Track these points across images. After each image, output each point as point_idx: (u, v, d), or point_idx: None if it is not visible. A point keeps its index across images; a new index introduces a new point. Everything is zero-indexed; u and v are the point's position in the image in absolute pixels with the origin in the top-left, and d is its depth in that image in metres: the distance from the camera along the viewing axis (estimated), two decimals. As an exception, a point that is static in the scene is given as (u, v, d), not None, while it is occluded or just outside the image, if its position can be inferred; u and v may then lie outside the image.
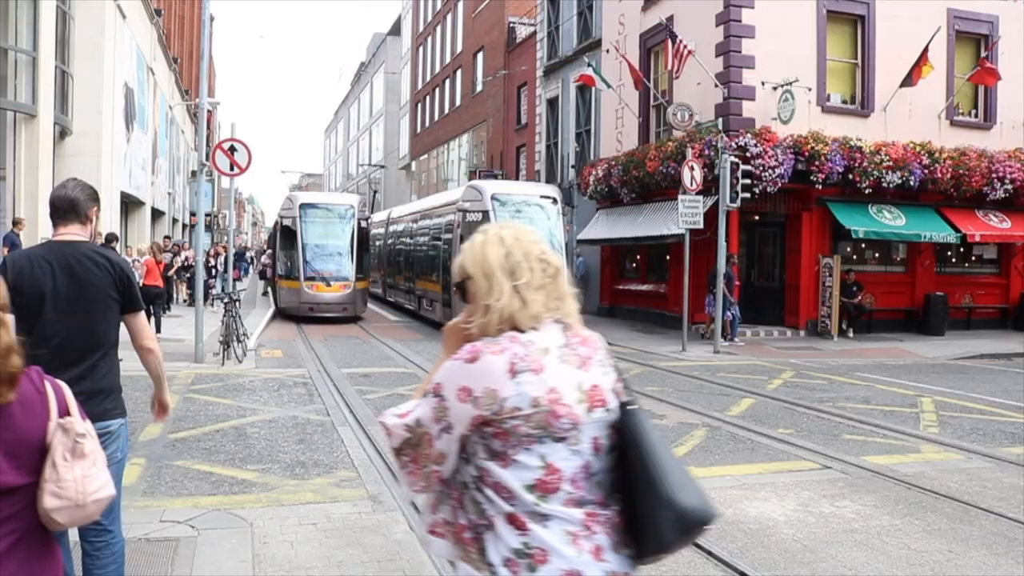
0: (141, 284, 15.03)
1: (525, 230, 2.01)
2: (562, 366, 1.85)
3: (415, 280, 21.07)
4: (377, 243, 27.75)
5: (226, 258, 23.20)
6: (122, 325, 3.43)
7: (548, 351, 1.86)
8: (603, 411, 1.88)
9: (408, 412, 1.91)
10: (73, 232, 3.23)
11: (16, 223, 12.94)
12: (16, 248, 12.06)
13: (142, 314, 3.44)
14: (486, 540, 1.84)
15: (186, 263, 20.96)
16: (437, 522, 1.96)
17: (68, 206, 3.22)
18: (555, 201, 16.70)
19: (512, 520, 1.81)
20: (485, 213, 15.84)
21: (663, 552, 1.90)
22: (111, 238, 13.44)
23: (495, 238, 1.96)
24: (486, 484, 1.85)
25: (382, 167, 50.86)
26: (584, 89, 24.70)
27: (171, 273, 18.93)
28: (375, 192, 43.16)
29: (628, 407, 1.92)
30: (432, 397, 1.87)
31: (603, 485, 1.91)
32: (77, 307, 3.14)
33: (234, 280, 21.97)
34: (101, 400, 3.20)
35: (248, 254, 50.53)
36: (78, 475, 2.06)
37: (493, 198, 16.06)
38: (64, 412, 2.16)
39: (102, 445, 2.96)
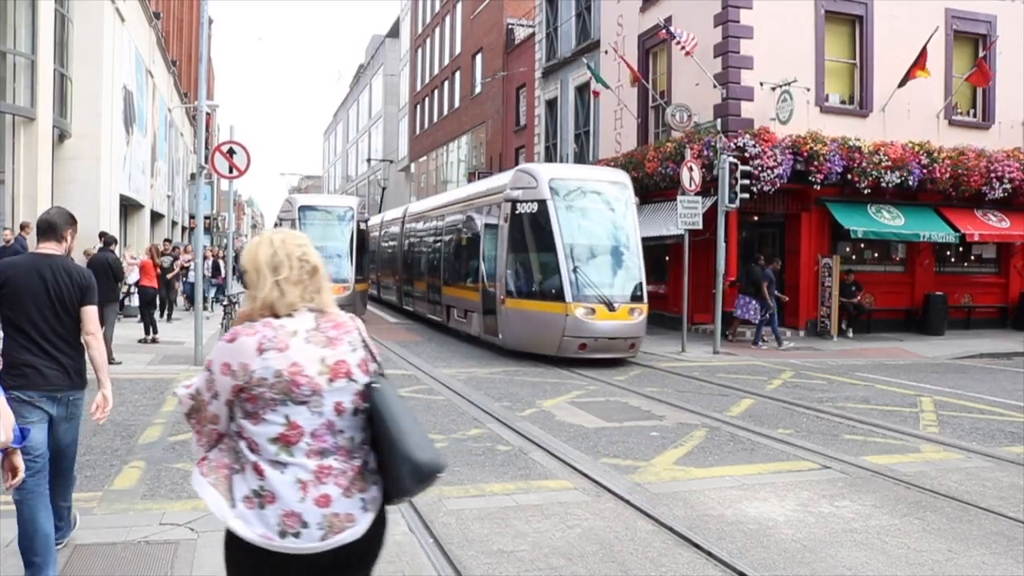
0: (139, 284, 15.03)
1: (294, 235, 2.48)
2: (307, 345, 2.29)
3: (442, 286, 17.87)
4: (390, 244, 25.20)
5: (215, 262, 22.88)
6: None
7: (296, 333, 2.29)
8: (346, 381, 2.31)
9: (191, 384, 2.38)
10: (50, 247, 4.13)
11: (23, 227, 13.12)
12: (24, 251, 12.21)
13: (93, 308, 4.15)
14: (235, 480, 2.29)
15: (185, 266, 20.80)
16: (206, 458, 2.37)
17: (48, 227, 4.15)
18: (624, 187, 13.89)
19: (255, 468, 2.25)
20: (542, 203, 13.08)
21: (404, 496, 2.38)
22: (110, 241, 13.45)
23: (267, 240, 2.43)
24: (243, 437, 2.29)
25: (390, 162, 50.15)
26: (583, 90, 24.75)
27: (170, 277, 18.79)
28: (384, 188, 41.99)
29: (374, 383, 2.34)
30: (205, 371, 2.33)
31: (350, 440, 2.33)
32: (48, 303, 3.99)
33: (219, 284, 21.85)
34: (71, 374, 4.04)
35: None
36: None
37: (551, 184, 13.20)
38: None
39: (75, 408, 4.12)
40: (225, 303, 13.16)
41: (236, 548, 2.30)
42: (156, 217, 28.35)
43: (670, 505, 5.62)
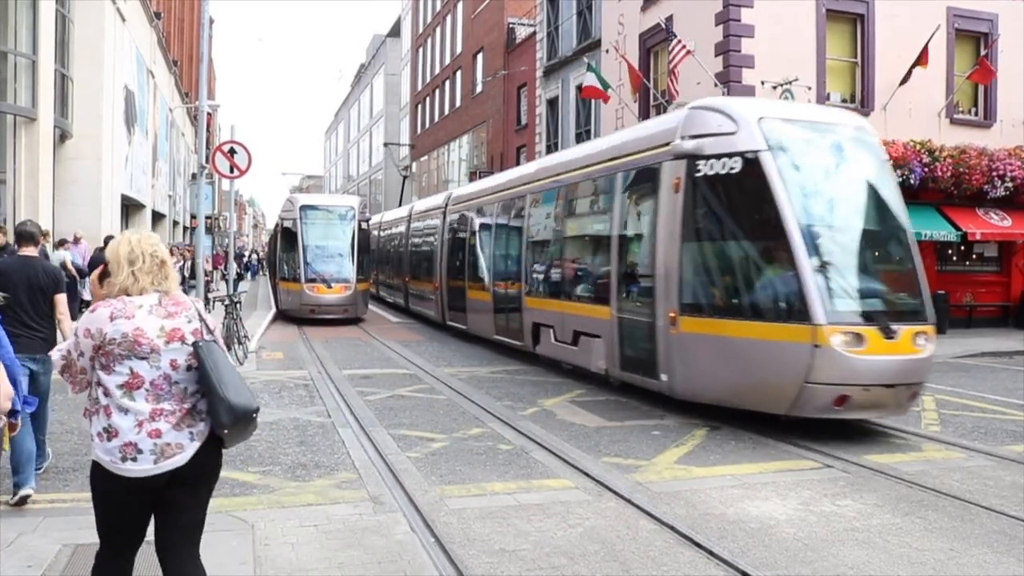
0: None
1: (148, 236, 3.22)
2: (149, 316, 3.06)
3: (525, 298, 12.92)
4: (425, 241, 20.47)
5: (192, 264, 21.81)
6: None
7: (142, 307, 3.06)
8: (179, 344, 3.08)
9: (63, 348, 3.13)
10: (30, 251, 5.83)
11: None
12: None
13: (63, 296, 5.81)
14: (92, 420, 3.04)
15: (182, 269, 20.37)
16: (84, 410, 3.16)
17: (28, 236, 5.86)
18: (870, 135, 8.98)
19: (106, 410, 3.00)
20: (751, 158, 8.08)
21: (224, 430, 3.06)
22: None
23: (126, 240, 3.17)
24: (100, 384, 3.04)
25: (411, 146, 47.61)
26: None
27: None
28: (404, 178, 38.31)
29: (199, 343, 3.09)
30: (74, 335, 3.07)
31: (183, 390, 3.07)
32: (30, 292, 5.64)
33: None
34: (42, 343, 5.57)
35: (250, 256, 50.38)
36: None
37: (764, 128, 8.21)
38: None
39: (48, 365, 5.58)
40: (227, 303, 13.15)
41: (96, 473, 3.06)
42: (158, 217, 28.36)
43: (671, 504, 5.62)
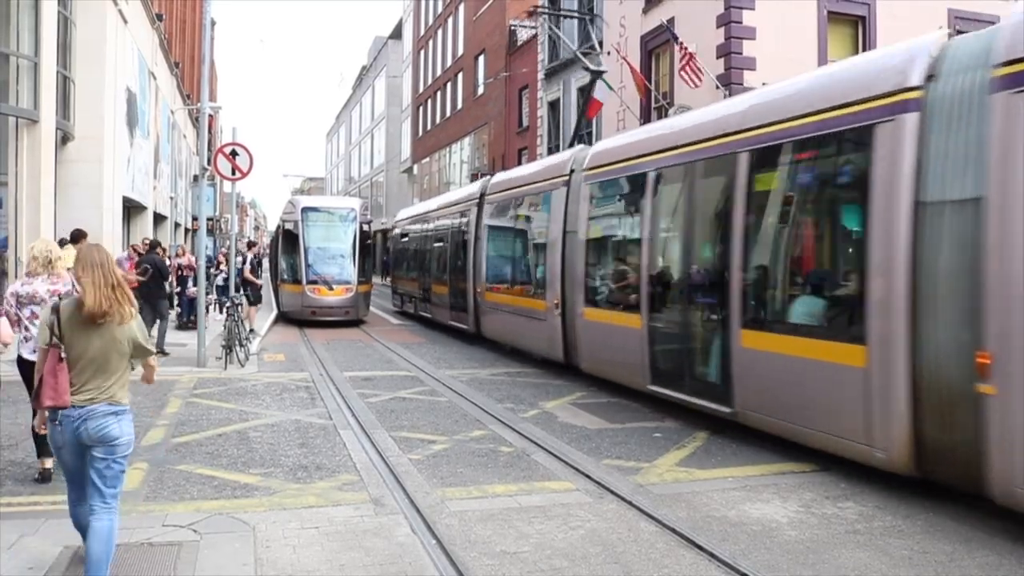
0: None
1: (35, 245, 5.84)
2: (42, 284, 5.70)
3: None
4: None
5: (181, 275, 18.94)
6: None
7: (39, 278, 5.72)
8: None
9: (4, 307, 5.70)
10: None
11: (154, 245, 15.34)
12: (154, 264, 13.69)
13: None
14: (24, 335, 5.76)
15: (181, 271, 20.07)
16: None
17: None
18: None
19: (25, 330, 5.74)
20: None
21: None
22: (155, 244, 15.35)
23: (33, 247, 5.83)
24: (22, 319, 5.72)
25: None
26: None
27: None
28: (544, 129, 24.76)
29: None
30: (6, 299, 5.82)
31: None
32: None
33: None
34: None
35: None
36: None
37: None
38: None
39: None
40: (228, 305, 13.16)
41: (20, 363, 5.83)
42: (159, 219, 28.37)
43: (673, 506, 5.62)
